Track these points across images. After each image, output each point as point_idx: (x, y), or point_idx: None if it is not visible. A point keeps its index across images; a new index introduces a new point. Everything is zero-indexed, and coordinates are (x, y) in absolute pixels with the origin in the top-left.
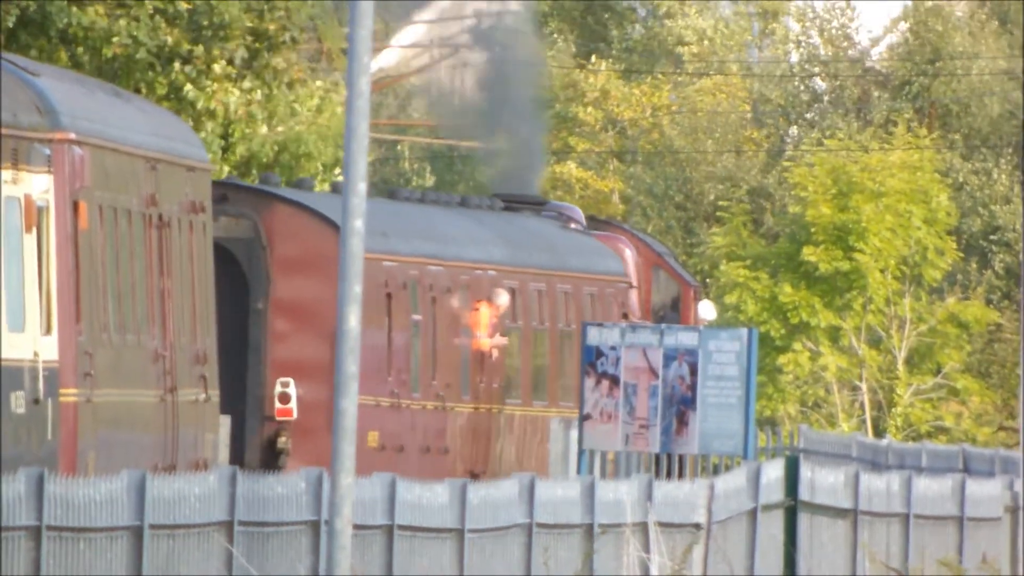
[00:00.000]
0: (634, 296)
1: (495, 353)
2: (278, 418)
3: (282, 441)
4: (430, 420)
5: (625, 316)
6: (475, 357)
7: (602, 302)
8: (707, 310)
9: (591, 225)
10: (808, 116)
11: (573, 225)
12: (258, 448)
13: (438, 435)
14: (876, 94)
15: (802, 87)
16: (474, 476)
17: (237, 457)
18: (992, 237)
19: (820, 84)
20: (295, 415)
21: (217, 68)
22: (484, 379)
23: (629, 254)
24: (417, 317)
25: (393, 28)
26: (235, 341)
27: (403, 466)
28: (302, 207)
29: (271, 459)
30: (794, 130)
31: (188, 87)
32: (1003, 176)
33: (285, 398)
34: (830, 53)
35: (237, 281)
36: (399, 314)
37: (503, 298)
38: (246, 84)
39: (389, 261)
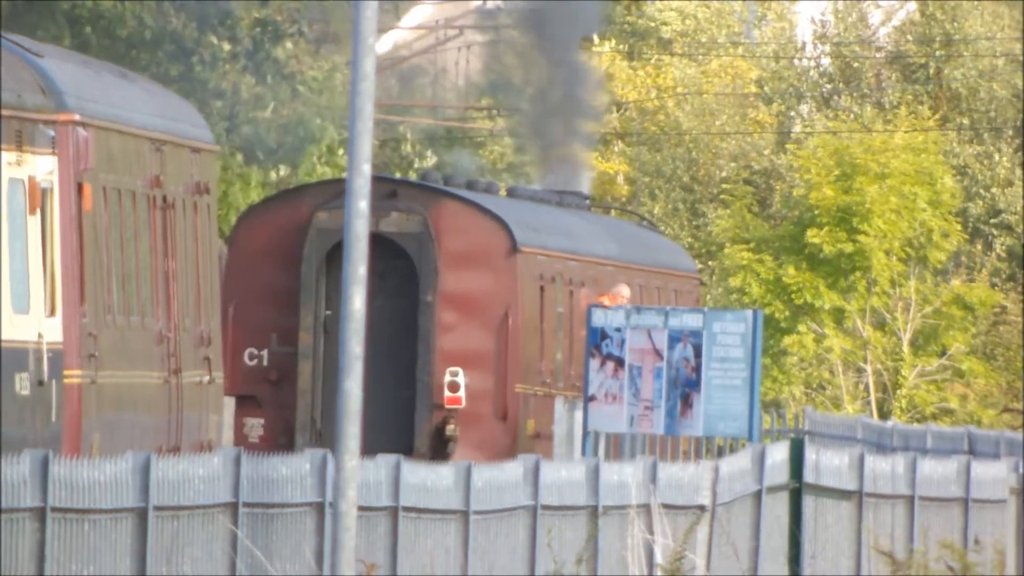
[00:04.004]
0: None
1: None
2: (447, 406)
3: (450, 429)
4: None
5: None
6: None
7: (682, 297)
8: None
9: None
10: (815, 96)
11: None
12: (427, 435)
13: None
14: (886, 75)
15: (813, 64)
16: None
17: (407, 445)
18: (993, 220)
19: (828, 64)
20: (463, 403)
21: (226, 47)
22: None
23: None
24: (560, 310)
25: (402, 9)
26: (405, 331)
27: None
28: (469, 203)
29: (440, 446)
30: (803, 109)
31: (199, 68)
32: (1004, 159)
33: (454, 387)
34: (842, 32)
35: (407, 274)
36: (548, 306)
37: (626, 291)
38: (250, 72)
39: (542, 255)
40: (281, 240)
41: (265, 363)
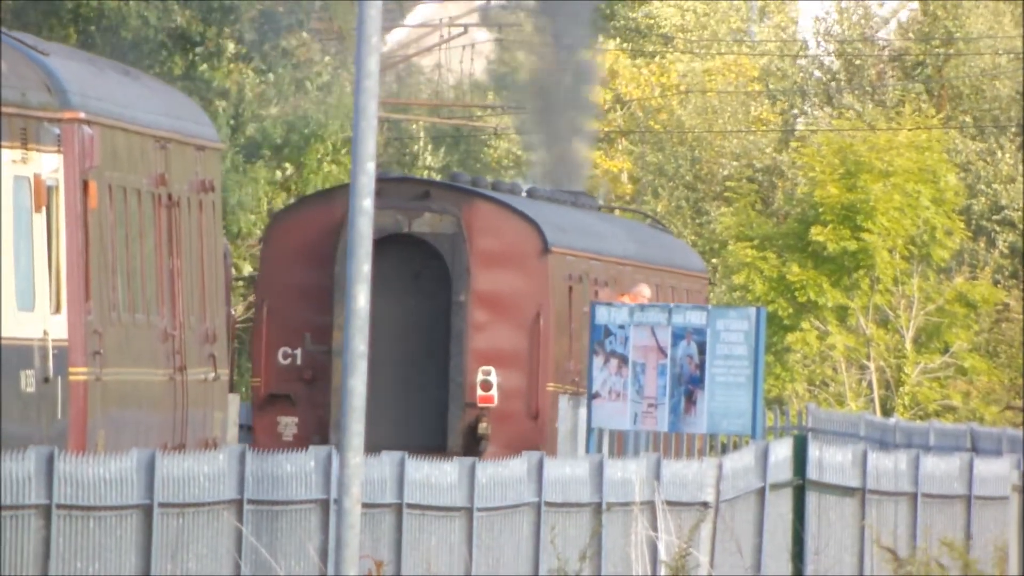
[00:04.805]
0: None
1: None
2: (480, 405)
3: (482, 427)
4: None
5: None
6: None
7: (693, 296)
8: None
9: None
10: (818, 93)
11: None
12: (459, 434)
13: None
14: (889, 73)
15: (815, 63)
16: None
17: (440, 443)
18: (996, 217)
19: (831, 60)
20: (496, 402)
21: (231, 47)
22: None
23: None
24: (587, 309)
25: (405, 8)
26: (438, 331)
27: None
28: (502, 204)
29: (472, 444)
30: (806, 108)
31: (203, 67)
32: (1007, 156)
33: (487, 386)
34: (846, 29)
35: (441, 274)
36: (576, 305)
37: (647, 291)
38: (254, 65)
39: (570, 256)
40: (315, 240)
41: (299, 362)
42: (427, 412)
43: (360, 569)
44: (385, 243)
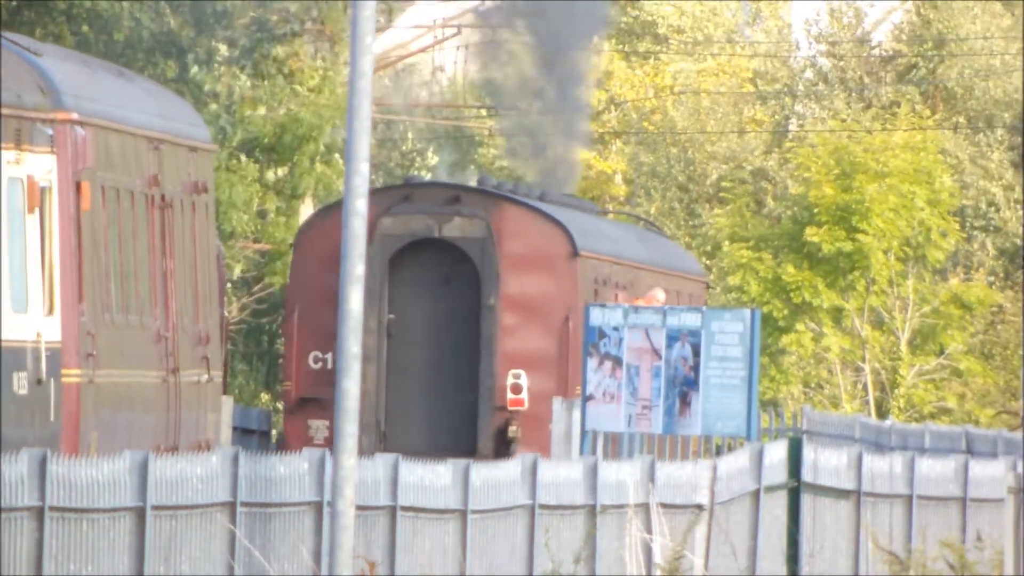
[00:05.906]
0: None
1: None
2: (510, 408)
3: (512, 430)
4: None
5: None
6: None
7: (695, 301)
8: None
9: None
10: (808, 94)
11: None
12: (490, 437)
13: None
14: (881, 74)
15: (807, 64)
16: None
17: (470, 446)
18: (980, 223)
19: (824, 62)
20: (526, 405)
21: (223, 49)
22: None
23: None
24: None
25: (396, 9)
26: (468, 335)
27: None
28: (530, 208)
29: (502, 447)
30: (799, 108)
31: (195, 69)
32: (995, 154)
33: (517, 389)
34: (836, 30)
35: (470, 278)
36: None
37: (661, 295)
38: (245, 69)
39: (595, 260)
40: None
41: (329, 366)
42: (457, 415)
43: (353, 570)
44: (415, 247)
